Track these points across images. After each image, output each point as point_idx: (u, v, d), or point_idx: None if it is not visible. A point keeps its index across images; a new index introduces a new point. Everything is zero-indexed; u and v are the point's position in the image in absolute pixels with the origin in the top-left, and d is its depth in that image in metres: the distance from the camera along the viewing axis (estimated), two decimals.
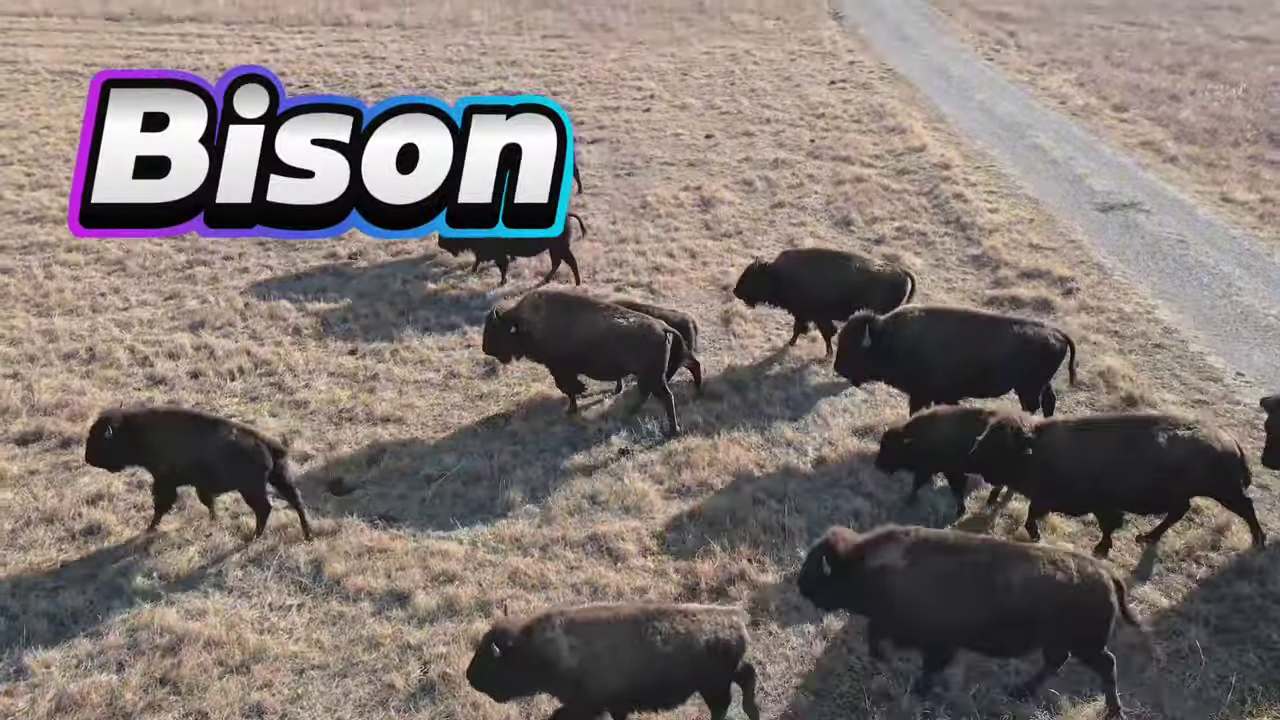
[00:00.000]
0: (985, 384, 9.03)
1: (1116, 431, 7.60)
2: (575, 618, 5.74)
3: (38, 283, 13.05)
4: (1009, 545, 6.46)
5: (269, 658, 6.74)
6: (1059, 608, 6.00)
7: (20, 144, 19.38)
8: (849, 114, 21.40)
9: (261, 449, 7.78)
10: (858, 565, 6.22)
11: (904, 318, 9.11)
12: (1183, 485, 7.46)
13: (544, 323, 9.43)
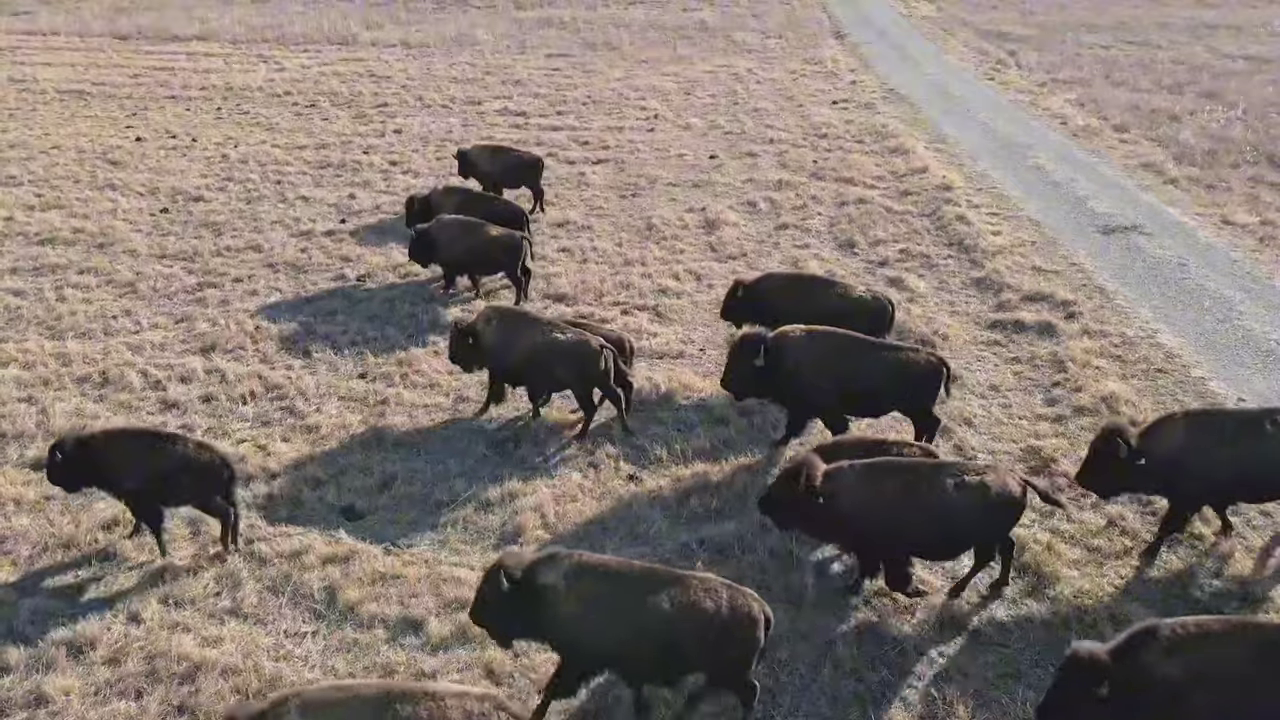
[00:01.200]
0: (865, 406, 9.39)
1: (902, 477, 7.36)
2: (312, 698, 5.40)
3: (50, 305, 13.19)
4: (663, 571, 6.44)
5: (285, 685, 6.81)
6: (705, 634, 6.09)
7: (30, 164, 19.59)
8: (851, 134, 21.60)
9: (217, 462, 8.03)
10: (527, 584, 6.20)
11: (785, 338, 9.31)
12: (968, 532, 7.33)
13: (493, 334, 9.98)
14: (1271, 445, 7.56)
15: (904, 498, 7.17)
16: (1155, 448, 7.66)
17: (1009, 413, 10.50)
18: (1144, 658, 5.43)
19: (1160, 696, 5.38)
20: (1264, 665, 5.37)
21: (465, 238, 13.16)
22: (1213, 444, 7.64)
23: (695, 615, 6.11)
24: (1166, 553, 8.19)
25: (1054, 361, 11.45)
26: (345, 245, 15.30)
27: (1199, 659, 5.38)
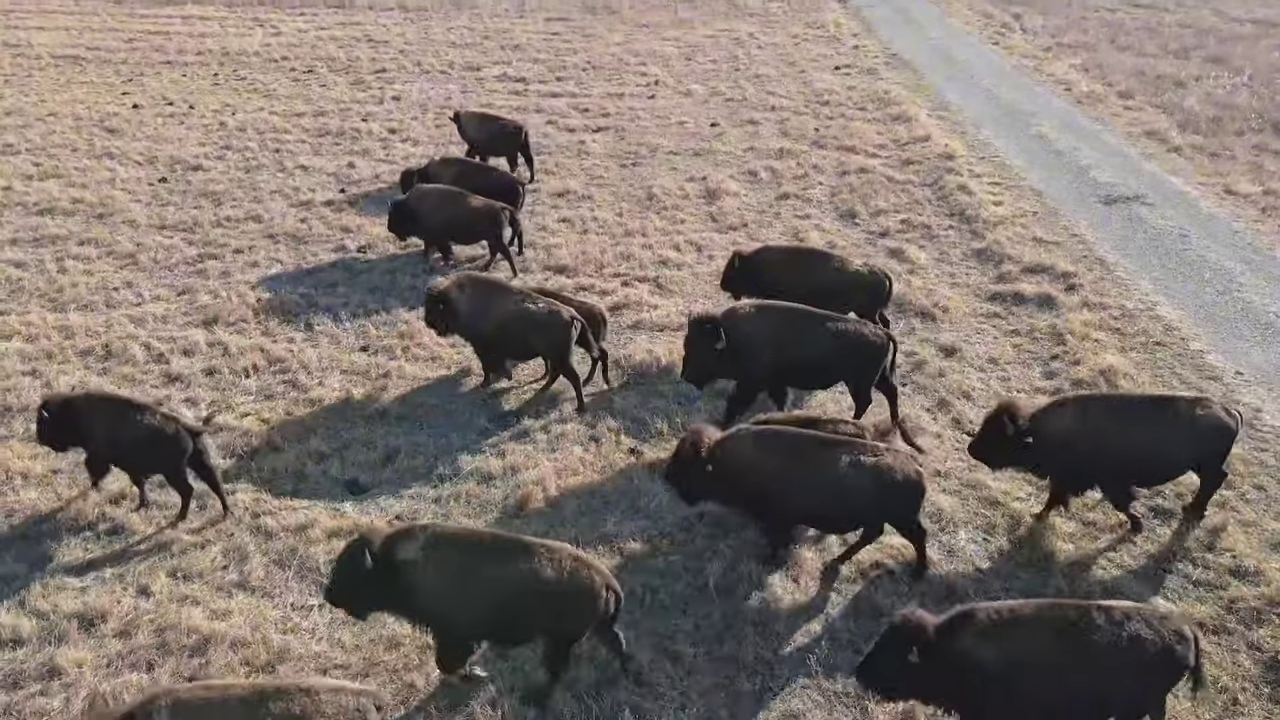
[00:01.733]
0: (812, 379, 9.58)
1: (792, 448, 7.49)
2: (183, 697, 5.35)
3: (51, 277, 13.19)
4: (513, 540, 6.56)
5: (293, 658, 6.97)
6: (544, 602, 6.26)
7: (27, 132, 19.45)
8: (854, 101, 21.43)
9: (180, 433, 8.18)
10: (387, 560, 6.30)
11: (735, 314, 9.36)
12: (860, 510, 7.48)
13: (466, 302, 10.12)
14: (1160, 433, 7.71)
15: (792, 469, 7.32)
16: (1044, 429, 7.81)
17: (1007, 386, 10.57)
18: (960, 639, 5.69)
19: (972, 677, 5.65)
20: (1067, 649, 5.64)
21: (444, 208, 13.14)
22: (1100, 430, 7.75)
23: (537, 583, 6.25)
24: (1160, 527, 8.31)
25: (1053, 334, 11.49)
26: (345, 215, 15.26)
27: (1009, 645, 5.65)
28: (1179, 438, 7.72)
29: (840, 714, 6.59)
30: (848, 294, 10.45)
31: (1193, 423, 7.75)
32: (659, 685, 6.78)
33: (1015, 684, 5.62)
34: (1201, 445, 7.81)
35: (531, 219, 15.19)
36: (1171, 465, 7.93)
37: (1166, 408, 7.88)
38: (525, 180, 15.68)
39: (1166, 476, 8.12)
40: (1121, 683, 5.67)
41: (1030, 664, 5.64)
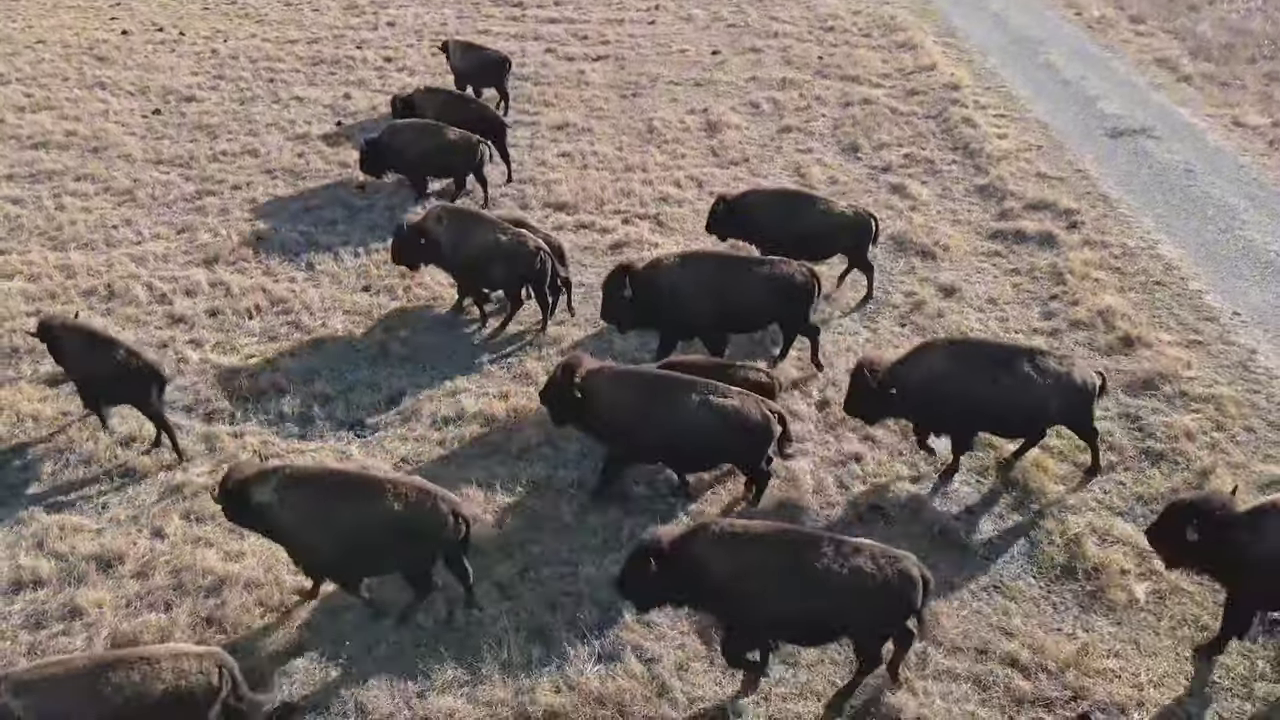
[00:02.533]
0: (742, 323, 9.60)
1: (650, 386, 7.81)
2: (20, 679, 5.42)
3: (49, 214, 13.14)
4: (359, 475, 6.93)
5: (305, 597, 7.21)
6: (395, 534, 6.63)
7: (16, 60, 19.07)
8: (858, 27, 20.91)
9: (145, 370, 8.49)
10: (243, 502, 6.74)
11: (660, 264, 9.44)
12: (710, 450, 7.76)
13: (445, 234, 10.30)
14: (1022, 383, 7.71)
15: (643, 405, 7.63)
16: (908, 377, 7.94)
17: (1006, 326, 10.64)
18: (693, 549, 6.20)
19: (704, 582, 6.20)
20: (788, 566, 6.10)
21: (420, 141, 12.98)
22: (962, 376, 7.82)
23: (385, 515, 6.58)
24: (1150, 468, 8.49)
25: (1053, 273, 11.51)
26: (343, 150, 15.07)
27: (737, 555, 6.16)
28: (1038, 391, 7.73)
29: (833, 652, 6.86)
30: (834, 236, 10.56)
31: (1054, 377, 7.77)
32: (660, 624, 7.04)
33: (740, 590, 6.12)
34: (1064, 402, 7.83)
35: (531, 153, 15.05)
36: (1032, 417, 7.95)
37: (1027, 359, 7.85)
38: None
39: (1025, 427, 8.12)
40: (838, 607, 6.08)
41: (753, 574, 6.11)
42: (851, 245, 10.72)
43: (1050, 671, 6.64)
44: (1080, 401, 7.89)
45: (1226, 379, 9.54)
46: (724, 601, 6.24)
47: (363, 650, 6.88)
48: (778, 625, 6.30)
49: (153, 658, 5.59)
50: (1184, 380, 9.45)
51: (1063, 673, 6.63)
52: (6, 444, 8.90)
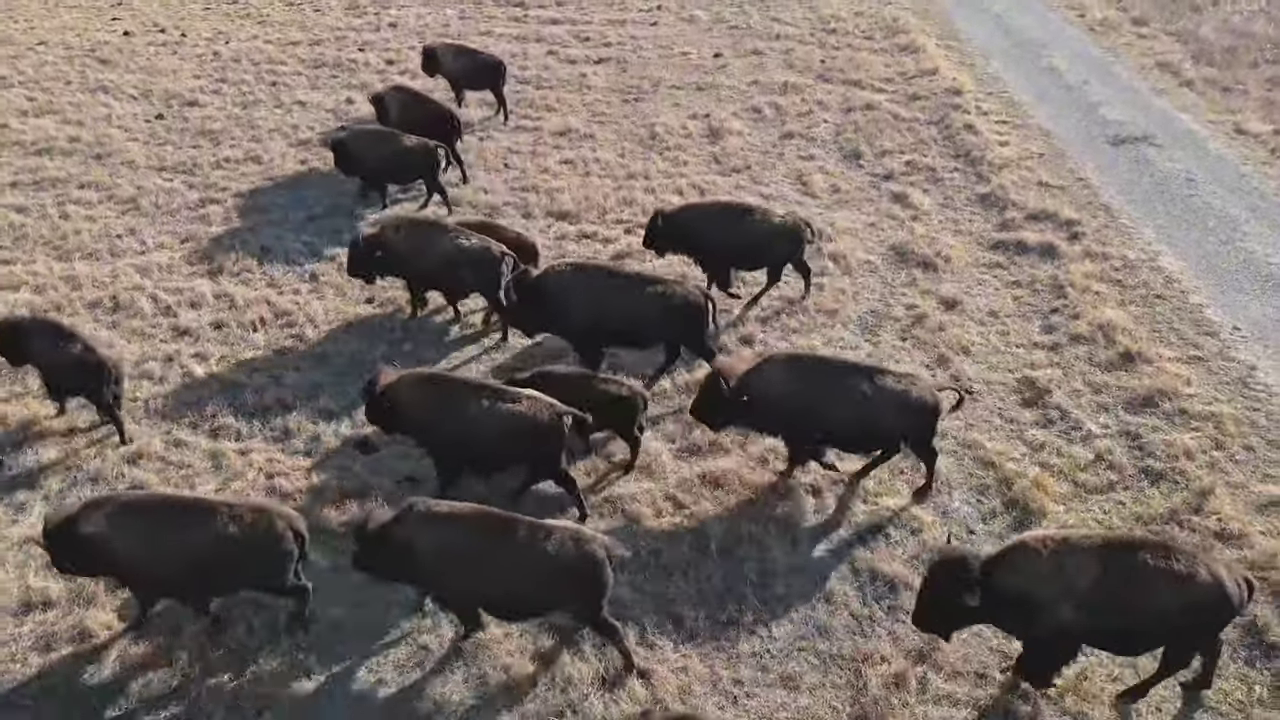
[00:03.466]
0: (631, 337, 9.69)
1: (447, 391, 8.15)
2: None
3: (54, 223, 13.17)
4: (193, 500, 7.19)
5: (314, 619, 7.29)
6: (233, 553, 6.83)
7: (19, 63, 19.08)
8: (861, 29, 20.89)
9: (99, 364, 8.95)
10: (73, 537, 6.79)
11: (551, 272, 9.72)
12: (504, 452, 8.05)
13: (404, 243, 10.43)
14: (857, 399, 7.89)
15: (438, 408, 8.03)
16: (756, 386, 8.08)
17: (1006, 340, 10.69)
18: (403, 529, 6.70)
19: (411, 559, 6.72)
20: (480, 544, 6.67)
21: (378, 147, 13.14)
22: (804, 387, 8.03)
23: (223, 538, 6.78)
24: (1150, 488, 8.55)
25: (1054, 286, 11.55)
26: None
27: (436, 534, 6.69)
28: (879, 408, 7.90)
29: (834, 676, 6.95)
30: (769, 245, 10.76)
31: (891, 395, 7.93)
32: (663, 648, 7.12)
33: (441, 566, 6.68)
34: (901, 420, 7.99)
35: (533, 160, 15.08)
36: (869, 433, 8.12)
37: (865, 376, 8.02)
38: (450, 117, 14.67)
39: (864, 443, 8.27)
40: (525, 583, 6.62)
41: (450, 552, 6.66)
42: (786, 253, 10.89)
43: (1049, 697, 6.72)
44: (918, 420, 8.03)
45: (1226, 396, 9.59)
46: (429, 576, 6.82)
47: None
48: (480, 600, 6.87)
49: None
50: (1184, 397, 9.50)
51: (1062, 698, 6.71)
52: (15, 460, 8.97)
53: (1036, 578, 6.20)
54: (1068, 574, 6.16)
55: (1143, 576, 6.09)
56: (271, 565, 6.94)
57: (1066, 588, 6.14)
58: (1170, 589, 6.07)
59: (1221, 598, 6.11)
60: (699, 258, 11.15)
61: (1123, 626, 6.21)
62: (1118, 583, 6.11)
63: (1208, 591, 6.08)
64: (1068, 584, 6.15)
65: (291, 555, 6.95)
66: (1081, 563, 6.18)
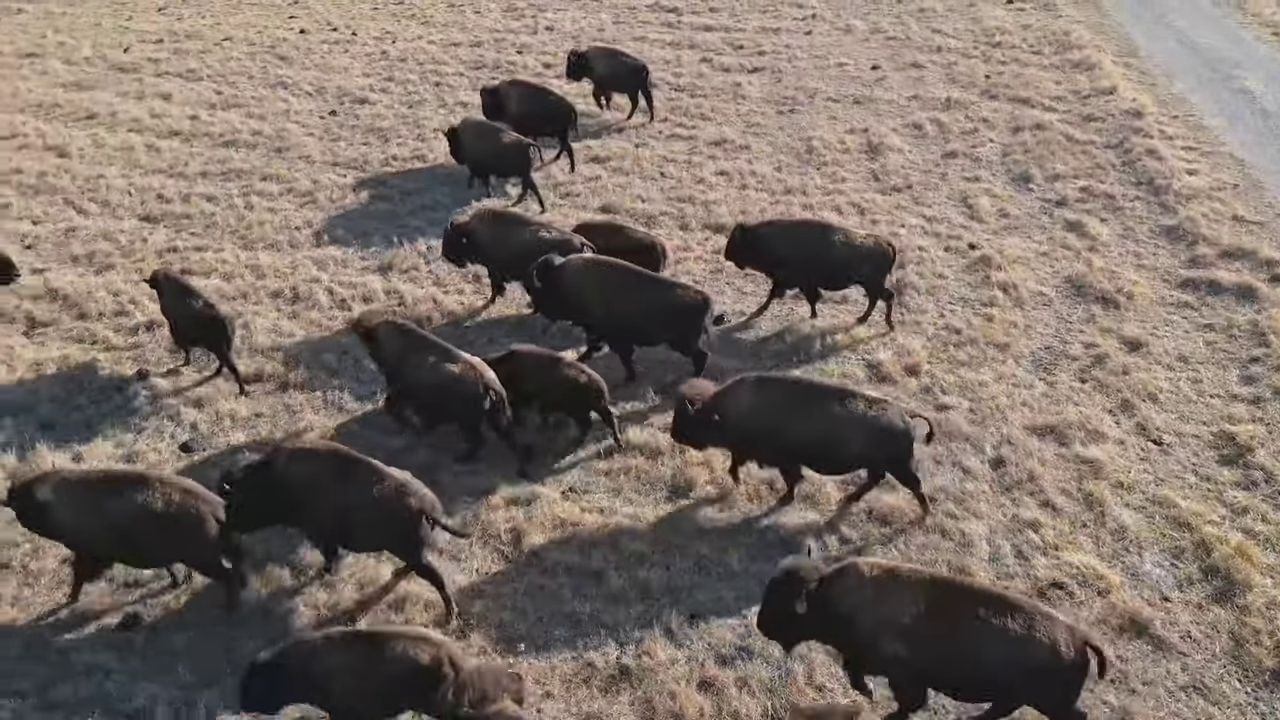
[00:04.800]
0: (638, 334, 10.02)
1: (408, 341, 9.12)
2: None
3: (240, 213, 13.96)
4: (128, 474, 7.72)
5: (484, 623, 7.44)
6: (157, 528, 7.37)
7: (207, 58, 20.35)
8: (1028, 43, 19.96)
9: (218, 321, 10.05)
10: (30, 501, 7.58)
11: (569, 265, 10.04)
12: (440, 409, 9.05)
13: (487, 232, 11.07)
14: (823, 422, 7.92)
15: (403, 361, 9.02)
16: (725, 407, 8.19)
17: (1199, 389, 9.97)
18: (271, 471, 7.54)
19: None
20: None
21: (479, 142, 13.83)
22: (772, 410, 8.08)
23: (150, 513, 7.31)
24: None
25: (1254, 332, 10.71)
26: None
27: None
28: (846, 432, 7.87)
29: None
30: (851, 266, 10.62)
31: (859, 419, 7.87)
32: (833, 690, 6.92)
33: (300, 498, 7.50)
34: (870, 444, 7.93)
35: (689, 170, 15.05)
36: (837, 456, 8.07)
37: (840, 400, 7.98)
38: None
39: (835, 466, 8.24)
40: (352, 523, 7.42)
41: (307, 486, 7.51)
42: (870, 274, 10.70)
43: None
44: (889, 445, 7.95)
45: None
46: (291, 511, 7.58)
47: None
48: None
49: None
50: None
51: None
52: (208, 442, 9.52)
53: (860, 602, 6.22)
54: (889, 605, 6.16)
55: (970, 626, 5.99)
56: (191, 543, 7.44)
57: (888, 619, 6.15)
58: (997, 643, 5.93)
59: (1053, 661, 5.87)
60: (777, 275, 11.09)
61: (949, 671, 6.14)
62: (942, 625, 6.04)
63: (1040, 653, 5.88)
64: (889, 615, 6.15)
65: (211, 536, 7.42)
66: (905, 597, 6.15)
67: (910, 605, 6.12)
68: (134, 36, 21.96)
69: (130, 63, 20.16)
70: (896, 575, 6.28)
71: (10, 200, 14.30)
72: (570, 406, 9.20)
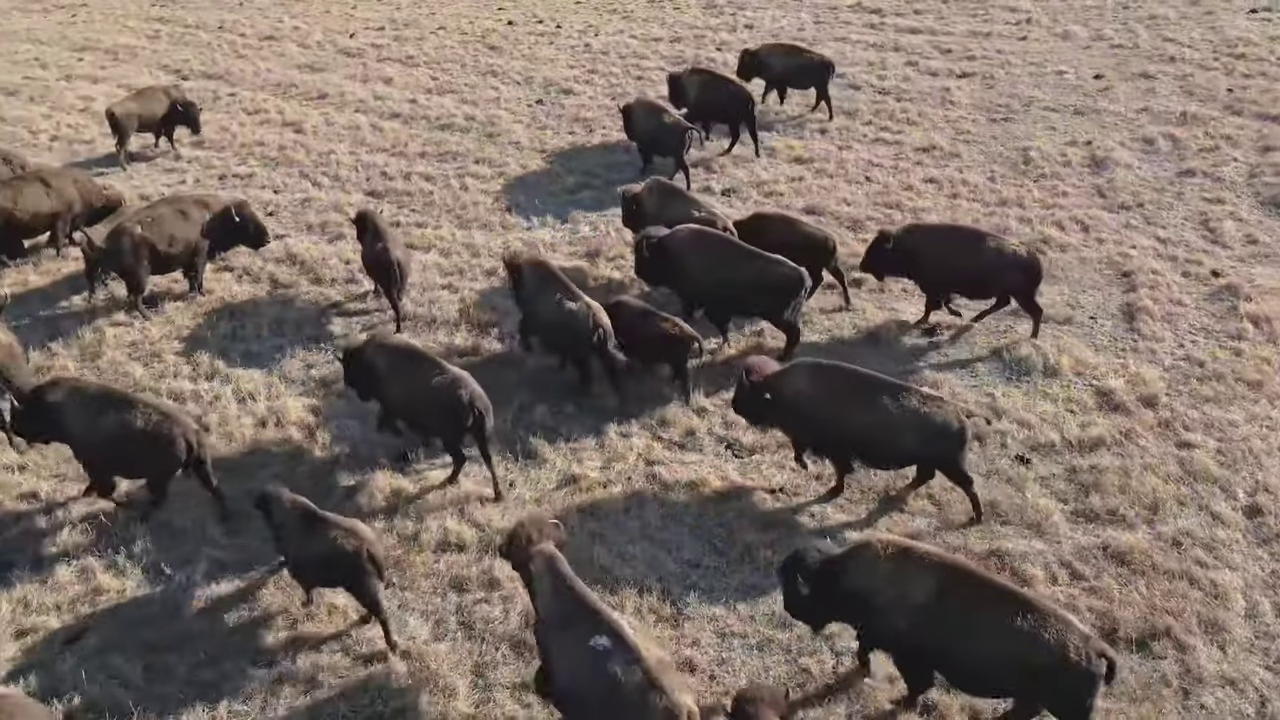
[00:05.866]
0: (736, 306, 10.48)
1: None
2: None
3: (455, 193, 14.59)
4: (121, 394, 8.59)
5: (697, 616, 7.44)
6: (134, 443, 8.23)
7: (423, 45, 21.43)
8: (1278, 56, 18.26)
9: (391, 261, 10.87)
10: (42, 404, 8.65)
11: (674, 235, 10.53)
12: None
13: (653, 203, 11.64)
14: (875, 413, 7.94)
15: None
16: (778, 388, 8.40)
17: None
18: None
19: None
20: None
21: (646, 119, 14.45)
22: (825, 396, 8.21)
23: (128, 429, 8.25)
24: None
25: None
26: (707, 156, 15.43)
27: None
28: (897, 426, 7.91)
29: None
30: (999, 276, 10.28)
31: (915, 416, 7.87)
32: None
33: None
34: (921, 441, 7.95)
35: (895, 176, 14.62)
36: (887, 450, 8.12)
37: (894, 395, 7.99)
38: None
39: (885, 459, 8.30)
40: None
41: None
42: (1022, 284, 10.32)
43: None
44: (941, 443, 7.95)
45: None
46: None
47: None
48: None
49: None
50: None
51: None
52: None
53: (873, 580, 6.42)
54: (902, 584, 6.31)
55: (979, 614, 6.09)
56: (165, 458, 8.21)
57: (900, 597, 6.31)
58: (1003, 635, 5.99)
59: (1061, 663, 5.88)
60: (922, 282, 10.80)
61: (954, 657, 6.23)
62: (952, 609, 6.16)
63: (1046, 653, 5.90)
64: (901, 594, 6.31)
65: (177, 460, 8.21)
66: (918, 578, 6.30)
67: (923, 586, 6.26)
68: (359, 24, 23.39)
69: (355, 48, 21.48)
70: (910, 555, 6.43)
71: (255, 170, 15.51)
72: (663, 357, 9.89)
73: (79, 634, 7.44)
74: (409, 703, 6.85)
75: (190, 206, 11.80)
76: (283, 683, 7.04)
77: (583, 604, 6.17)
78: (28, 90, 19.54)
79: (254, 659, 7.24)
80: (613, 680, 5.67)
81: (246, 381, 10.42)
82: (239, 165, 15.76)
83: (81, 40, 23.21)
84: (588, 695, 5.82)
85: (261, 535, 7.94)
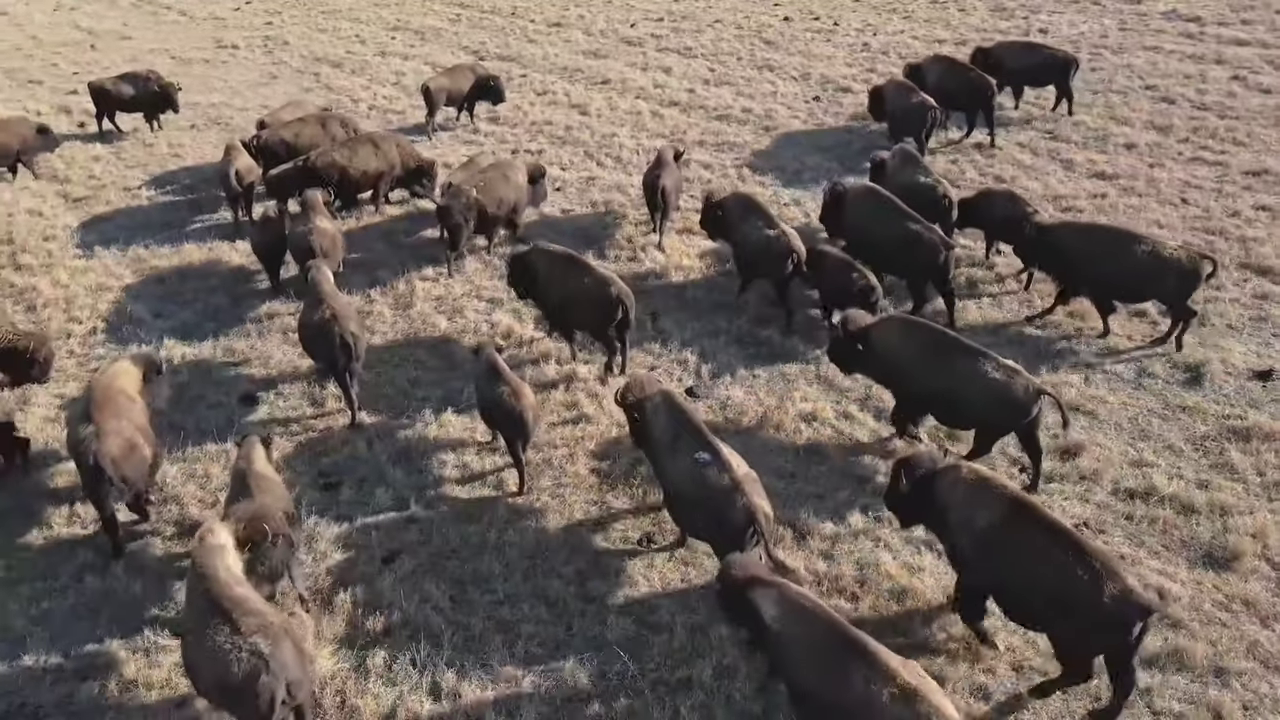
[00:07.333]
0: (884, 262, 11.05)
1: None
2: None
3: (732, 183, 14.69)
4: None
5: (955, 637, 7.08)
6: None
7: (700, 37, 21.83)
8: None
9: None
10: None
11: (851, 188, 11.54)
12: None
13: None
14: (951, 374, 8.29)
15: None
16: (869, 339, 8.91)
17: None
18: None
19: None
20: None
21: (895, 99, 14.77)
22: (908, 352, 8.66)
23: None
24: None
25: None
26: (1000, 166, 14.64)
27: None
28: (972, 391, 8.19)
29: None
30: (1155, 279, 9.96)
31: (990, 383, 8.12)
32: None
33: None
34: (996, 407, 8.17)
35: (1219, 200, 13.24)
36: (966, 413, 8.48)
37: (972, 358, 8.26)
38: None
39: (960, 421, 8.65)
40: None
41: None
42: (1179, 290, 9.95)
43: None
44: (1006, 411, 8.16)
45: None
46: None
47: None
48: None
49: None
50: None
51: None
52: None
53: (951, 498, 6.88)
54: (972, 508, 6.71)
55: (1033, 547, 6.36)
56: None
57: (967, 519, 6.73)
58: (1054, 572, 6.21)
59: (1105, 606, 6.05)
60: (1068, 282, 10.59)
61: (1008, 584, 6.55)
62: (1011, 539, 6.47)
63: (1092, 595, 6.08)
64: (969, 516, 6.72)
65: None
66: (987, 505, 6.67)
67: (987, 513, 6.62)
68: (639, 14, 24.18)
69: (636, 37, 22.21)
70: (987, 485, 6.80)
71: (544, 148, 16.38)
72: (849, 300, 10.22)
73: (394, 555, 8.14)
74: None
75: (513, 171, 12.68)
76: (574, 632, 7.37)
77: (691, 427, 7.60)
78: (349, 64, 21.72)
79: (549, 606, 7.62)
80: (709, 484, 7.16)
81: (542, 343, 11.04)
82: (529, 141, 16.72)
83: (394, 20, 25.53)
84: (689, 494, 7.32)
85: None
